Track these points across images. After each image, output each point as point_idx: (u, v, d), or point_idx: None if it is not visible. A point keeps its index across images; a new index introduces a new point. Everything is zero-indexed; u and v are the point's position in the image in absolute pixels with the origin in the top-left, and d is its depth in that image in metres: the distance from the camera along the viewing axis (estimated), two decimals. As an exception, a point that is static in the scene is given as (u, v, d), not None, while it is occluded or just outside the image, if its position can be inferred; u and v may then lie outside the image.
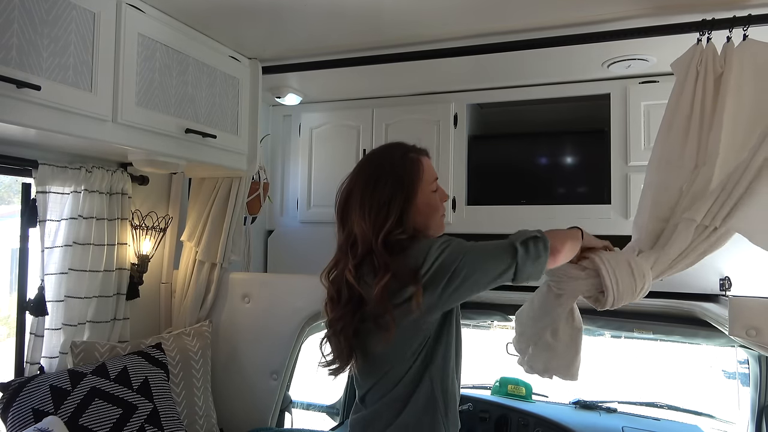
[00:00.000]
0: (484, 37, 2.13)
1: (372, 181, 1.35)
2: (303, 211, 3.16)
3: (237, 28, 2.20)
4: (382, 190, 1.33)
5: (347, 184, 1.41)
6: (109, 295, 2.19)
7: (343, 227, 1.39)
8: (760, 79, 1.70)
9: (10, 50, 1.51)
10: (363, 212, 1.33)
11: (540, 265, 1.33)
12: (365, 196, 1.34)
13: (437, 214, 1.44)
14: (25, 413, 1.76)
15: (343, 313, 1.36)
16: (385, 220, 1.31)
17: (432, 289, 1.28)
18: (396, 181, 1.34)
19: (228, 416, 2.41)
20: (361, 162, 1.45)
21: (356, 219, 1.34)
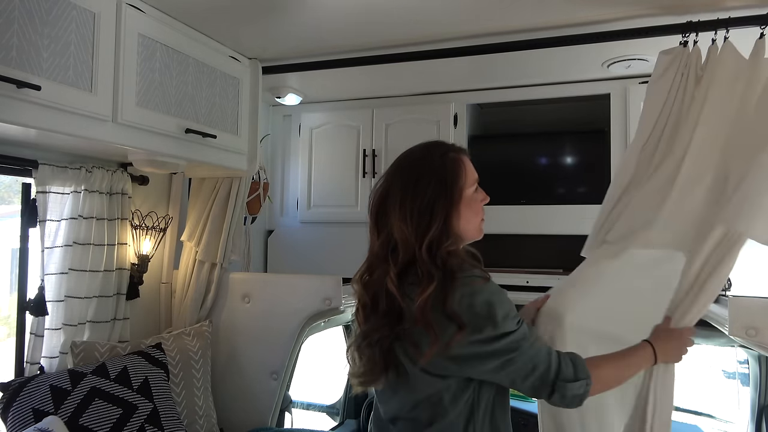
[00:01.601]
0: (484, 37, 2.13)
1: (412, 182, 1.26)
2: (303, 211, 3.16)
3: (237, 28, 2.20)
4: (423, 192, 1.24)
5: (383, 184, 1.32)
6: (109, 295, 2.19)
7: (380, 231, 1.29)
8: (733, 85, 1.72)
9: (10, 50, 1.51)
10: (404, 215, 1.23)
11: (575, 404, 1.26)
12: (405, 197, 1.24)
13: (477, 218, 1.34)
14: (25, 413, 1.76)
15: (380, 325, 1.25)
16: (429, 225, 1.22)
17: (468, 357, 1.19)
18: (438, 182, 1.25)
19: (228, 416, 2.41)
20: (398, 161, 1.35)
21: (396, 223, 1.24)
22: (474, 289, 1.19)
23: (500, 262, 2.76)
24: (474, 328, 1.16)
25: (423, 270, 1.20)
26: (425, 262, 1.20)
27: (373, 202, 1.32)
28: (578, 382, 1.22)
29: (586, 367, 1.25)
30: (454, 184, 1.27)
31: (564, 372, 1.22)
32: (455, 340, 1.16)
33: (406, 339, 1.22)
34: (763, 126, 1.63)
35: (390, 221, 1.25)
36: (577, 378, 1.23)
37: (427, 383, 1.23)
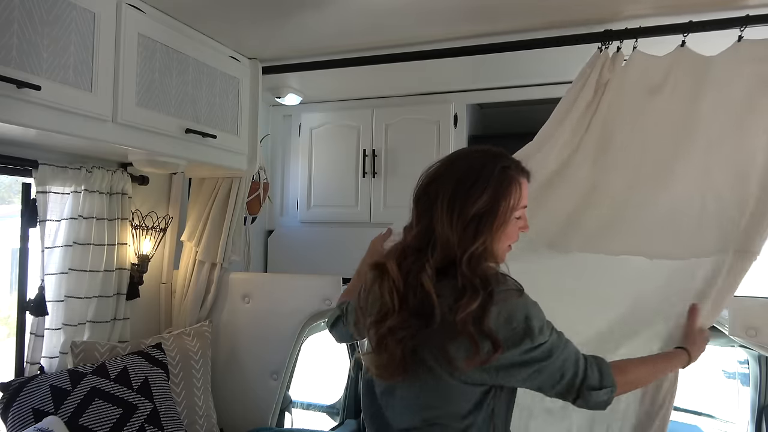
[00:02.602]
0: (484, 37, 2.13)
1: (466, 185, 1.20)
2: (303, 211, 3.16)
3: (237, 28, 2.20)
4: (474, 201, 1.19)
5: (435, 172, 1.27)
6: (109, 295, 2.19)
7: (420, 218, 1.24)
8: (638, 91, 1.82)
9: (10, 50, 1.51)
10: (451, 215, 1.18)
11: (599, 408, 1.26)
12: (455, 199, 1.19)
13: (510, 242, 1.29)
14: (25, 413, 1.76)
15: (410, 324, 1.19)
16: (474, 239, 1.17)
17: (505, 367, 1.18)
18: (491, 198, 1.20)
19: (228, 416, 2.41)
20: (458, 156, 1.31)
21: (441, 219, 1.19)
22: (511, 305, 1.17)
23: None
24: (513, 342, 1.16)
25: (465, 282, 1.16)
26: (466, 275, 1.16)
27: (420, 184, 1.28)
28: (603, 390, 1.23)
29: (611, 373, 1.25)
30: (506, 204, 1.22)
31: (590, 379, 1.22)
32: (494, 357, 1.15)
33: (436, 346, 1.18)
34: (742, 141, 1.69)
35: (434, 215, 1.21)
36: (603, 386, 1.23)
37: (456, 391, 1.20)
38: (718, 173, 1.69)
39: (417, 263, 1.20)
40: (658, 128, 1.79)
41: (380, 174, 2.96)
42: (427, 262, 1.19)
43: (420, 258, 1.20)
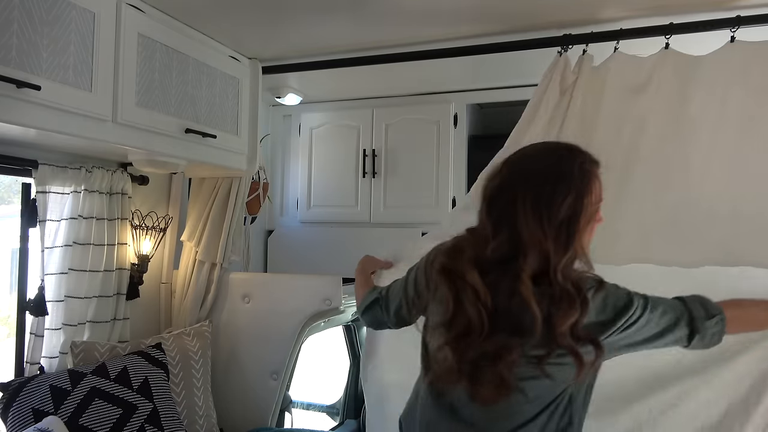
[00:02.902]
0: (484, 37, 2.13)
1: (549, 184, 1.14)
2: (303, 211, 3.16)
3: (237, 28, 2.20)
4: (561, 201, 1.12)
5: (505, 175, 1.19)
6: (109, 295, 2.19)
7: (498, 228, 1.15)
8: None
9: (10, 50, 1.51)
10: (540, 221, 1.11)
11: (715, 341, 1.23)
12: (539, 204, 1.12)
13: (591, 238, 1.24)
14: (25, 413, 1.76)
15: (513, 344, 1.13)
16: (568, 244, 1.12)
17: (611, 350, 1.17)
18: (576, 197, 1.14)
19: (228, 416, 2.41)
20: (524, 153, 1.24)
21: (528, 226, 1.12)
22: (599, 299, 1.16)
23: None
24: (610, 328, 1.15)
25: (561, 291, 1.11)
26: (560, 283, 1.11)
27: (489, 189, 1.20)
28: (713, 319, 1.21)
29: (714, 303, 1.24)
30: (589, 201, 1.16)
31: (695, 311, 1.21)
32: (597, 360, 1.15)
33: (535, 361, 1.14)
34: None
35: (517, 222, 1.13)
36: (711, 315, 1.21)
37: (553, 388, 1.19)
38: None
39: (508, 276, 1.13)
40: (645, 128, 1.79)
41: (380, 174, 2.96)
42: (522, 273, 1.12)
43: (509, 270, 1.13)
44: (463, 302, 1.15)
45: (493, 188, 1.19)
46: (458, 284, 1.17)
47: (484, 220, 1.19)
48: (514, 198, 1.14)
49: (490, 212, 1.18)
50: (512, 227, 1.13)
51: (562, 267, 1.12)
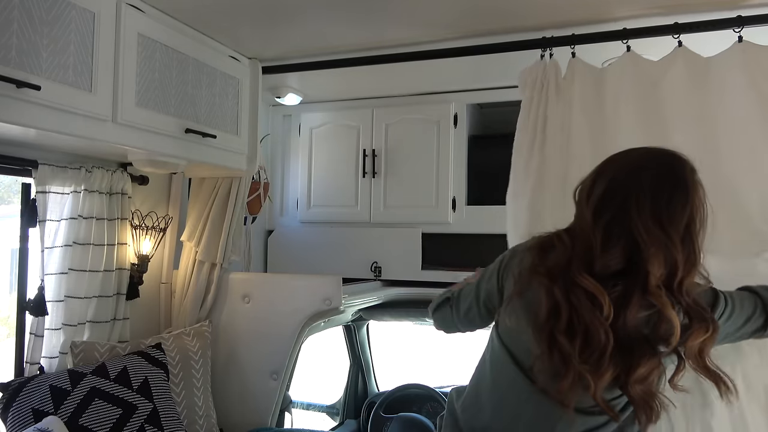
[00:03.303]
0: (484, 37, 2.13)
1: (665, 193, 1.09)
2: (303, 211, 3.15)
3: (237, 28, 2.20)
4: (680, 210, 1.09)
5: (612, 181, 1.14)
6: (109, 295, 2.18)
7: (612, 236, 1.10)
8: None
9: (10, 50, 1.51)
10: (661, 227, 1.07)
11: None
12: (659, 209, 1.08)
13: None
14: (25, 413, 1.76)
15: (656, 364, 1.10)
16: (692, 253, 1.08)
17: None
18: (693, 205, 1.11)
19: (228, 416, 2.41)
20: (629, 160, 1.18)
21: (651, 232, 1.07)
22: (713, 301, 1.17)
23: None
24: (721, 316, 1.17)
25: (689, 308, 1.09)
26: (685, 298, 1.09)
27: (596, 200, 1.14)
28: None
29: None
30: (702, 208, 1.13)
31: (764, 296, 1.22)
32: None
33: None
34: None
35: (634, 230, 1.08)
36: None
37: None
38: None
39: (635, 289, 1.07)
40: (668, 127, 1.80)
41: (380, 174, 2.96)
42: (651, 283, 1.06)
43: (635, 284, 1.08)
44: (578, 311, 1.09)
45: (599, 195, 1.14)
46: (567, 291, 1.11)
47: (589, 227, 1.13)
48: (627, 204, 1.09)
49: (598, 219, 1.12)
50: (629, 234, 1.08)
51: (688, 277, 1.08)
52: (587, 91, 1.93)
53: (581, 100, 1.92)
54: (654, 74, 1.85)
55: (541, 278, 1.16)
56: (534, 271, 1.18)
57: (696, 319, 1.09)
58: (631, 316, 1.08)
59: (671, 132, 1.78)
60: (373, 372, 3.52)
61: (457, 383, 3.44)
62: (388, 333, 4.62)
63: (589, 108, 1.91)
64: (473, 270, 2.78)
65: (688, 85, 1.80)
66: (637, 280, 1.08)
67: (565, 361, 1.10)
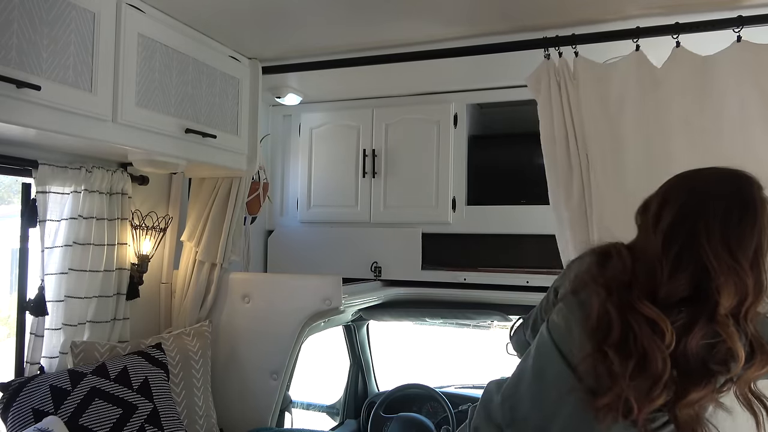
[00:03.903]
0: (484, 37, 2.13)
1: (733, 215, 1.07)
2: (303, 211, 3.16)
3: (237, 28, 2.20)
4: (749, 233, 1.06)
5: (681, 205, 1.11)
6: (109, 295, 2.19)
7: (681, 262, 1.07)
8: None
9: (10, 50, 1.51)
10: (731, 254, 1.04)
11: None
12: (727, 231, 1.05)
13: None
14: (25, 413, 1.76)
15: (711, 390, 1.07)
16: (761, 280, 1.05)
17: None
18: (761, 230, 1.07)
19: (228, 416, 2.41)
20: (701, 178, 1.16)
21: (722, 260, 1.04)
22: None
23: (500, 262, 2.76)
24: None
25: (754, 342, 1.06)
26: (749, 329, 1.06)
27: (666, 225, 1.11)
28: None
29: None
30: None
31: None
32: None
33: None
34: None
35: (703, 258, 1.06)
36: None
37: None
38: None
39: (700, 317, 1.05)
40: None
41: (380, 174, 2.96)
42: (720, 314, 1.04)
43: (701, 312, 1.05)
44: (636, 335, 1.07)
45: (669, 223, 1.11)
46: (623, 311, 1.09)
47: (657, 255, 1.10)
48: (696, 231, 1.07)
49: (668, 248, 1.09)
50: (698, 262, 1.06)
51: (756, 305, 1.06)
52: (591, 91, 1.93)
53: (587, 100, 1.93)
54: (659, 74, 1.86)
55: (597, 288, 1.14)
56: (591, 279, 1.18)
57: (759, 351, 1.06)
58: (692, 345, 1.05)
59: (675, 133, 1.78)
60: (373, 372, 3.52)
61: (457, 383, 3.47)
62: (388, 333, 4.62)
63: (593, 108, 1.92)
64: (473, 270, 2.80)
65: (696, 84, 1.80)
66: (704, 308, 1.05)
67: (611, 377, 1.08)
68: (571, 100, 1.95)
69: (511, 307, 2.62)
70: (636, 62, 1.89)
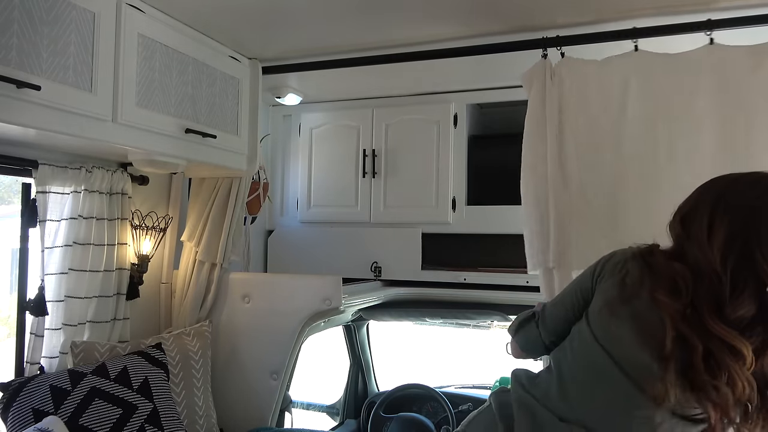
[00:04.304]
0: (484, 38, 2.13)
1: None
2: (303, 211, 3.16)
3: (237, 28, 2.20)
4: None
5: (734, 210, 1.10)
6: (109, 295, 2.19)
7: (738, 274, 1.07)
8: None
9: (10, 50, 1.51)
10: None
11: None
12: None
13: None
14: (25, 413, 1.76)
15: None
16: None
17: None
18: None
19: (228, 416, 2.41)
20: (742, 187, 1.15)
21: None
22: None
23: (500, 262, 2.76)
24: None
25: None
26: None
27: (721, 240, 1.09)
28: None
29: None
30: None
31: None
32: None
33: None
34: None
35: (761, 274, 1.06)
36: None
37: None
38: None
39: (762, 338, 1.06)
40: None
41: (380, 174, 2.96)
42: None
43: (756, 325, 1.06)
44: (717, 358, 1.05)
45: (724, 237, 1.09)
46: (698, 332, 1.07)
47: (717, 271, 1.08)
48: (751, 245, 1.06)
49: (726, 263, 1.07)
50: (756, 277, 1.06)
51: None
52: (585, 90, 1.95)
53: (585, 99, 1.94)
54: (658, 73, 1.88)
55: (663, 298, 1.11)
56: (647, 287, 1.15)
57: None
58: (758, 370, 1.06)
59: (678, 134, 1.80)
60: (373, 372, 3.52)
61: (457, 383, 3.46)
62: (388, 333, 4.62)
63: (594, 107, 1.94)
64: (473, 270, 2.80)
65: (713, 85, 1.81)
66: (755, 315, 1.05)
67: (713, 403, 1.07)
68: (562, 98, 1.96)
69: (511, 307, 2.62)
70: (633, 61, 1.90)
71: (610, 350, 1.20)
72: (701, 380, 1.06)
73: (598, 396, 1.21)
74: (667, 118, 1.85)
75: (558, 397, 1.25)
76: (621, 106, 1.90)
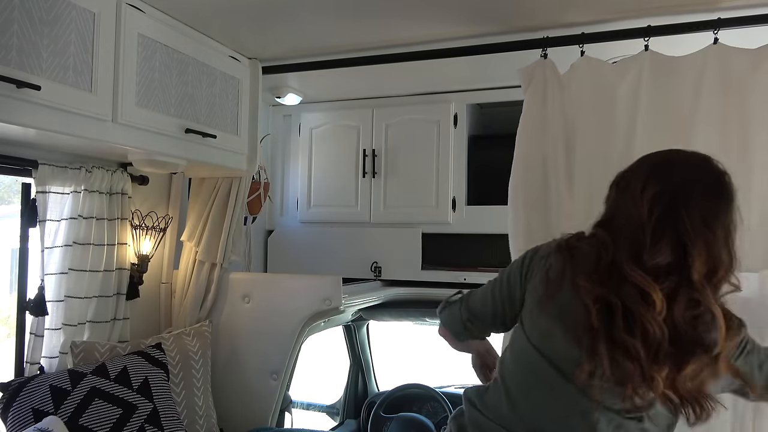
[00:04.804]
0: (484, 37, 2.13)
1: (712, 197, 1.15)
2: (303, 211, 3.16)
3: (237, 28, 2.20)
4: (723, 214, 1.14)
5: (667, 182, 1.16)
6: (109, 295, 2.19)
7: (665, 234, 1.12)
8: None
9: (10, 50, 1.51)
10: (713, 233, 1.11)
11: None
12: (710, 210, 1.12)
13: None
14: (25, 413, 1.76)
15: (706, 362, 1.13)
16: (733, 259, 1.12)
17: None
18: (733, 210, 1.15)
19: (228, 416, 2.41)
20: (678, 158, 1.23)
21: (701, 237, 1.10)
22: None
23: (501, 262, 2.75)
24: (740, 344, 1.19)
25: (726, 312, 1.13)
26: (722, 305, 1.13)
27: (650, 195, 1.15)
28: None
29: None
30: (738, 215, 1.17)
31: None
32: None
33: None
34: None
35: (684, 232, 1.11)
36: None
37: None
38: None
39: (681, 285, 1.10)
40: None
41: (380, 174, 2.96)
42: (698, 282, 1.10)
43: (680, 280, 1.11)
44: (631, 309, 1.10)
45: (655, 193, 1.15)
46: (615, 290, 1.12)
47: (642, 220, 1.14)
48: (677, 203, 1.13)
49: (652, 213, 1.14)
50: (676, 230, 1.11)
51: (726, 278, 1.12)
52: (593, 91, 1.95)
53: (584, 99, 1.94)
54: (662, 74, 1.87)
55: (582, 283, 1.16)
56: (568, 277, 1.20)
57: (735, 321, 1.14)
58: (678, 313, 1.10)
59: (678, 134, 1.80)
60: (373, 372, 3.52)
61: (457, 383, 3.46)
62: (388, 333, 4.62)
63: (596, 107, 1.93)
64: (473, 270, 2.80)
65: (718, 86, 1.81)
66: (682, 276, 1.10)
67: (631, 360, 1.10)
68: (564, 98, 1.96)
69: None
70: (644, 61, 1.89)
71: (542, 349, 1.24)
72: (621, 339, 1.10)
73: (540, 399, 1.25)
74: (672, 121, 1.83)
75: (507, 410, 1.28)
76: (629, 112, 1.88)
